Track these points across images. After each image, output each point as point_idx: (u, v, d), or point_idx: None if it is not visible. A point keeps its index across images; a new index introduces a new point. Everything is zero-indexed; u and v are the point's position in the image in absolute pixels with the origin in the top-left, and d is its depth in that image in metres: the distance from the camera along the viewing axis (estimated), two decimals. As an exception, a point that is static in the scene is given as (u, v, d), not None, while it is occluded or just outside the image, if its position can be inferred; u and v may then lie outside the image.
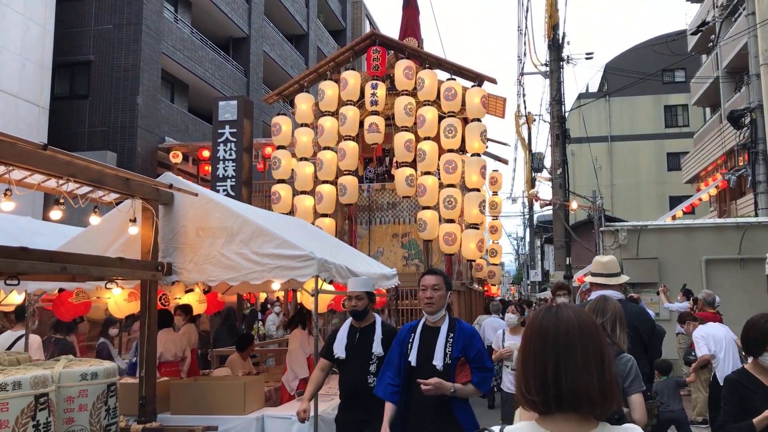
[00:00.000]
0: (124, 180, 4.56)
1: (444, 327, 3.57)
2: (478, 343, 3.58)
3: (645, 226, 13.14)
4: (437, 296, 3.56)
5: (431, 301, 3.54)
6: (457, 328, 3.58)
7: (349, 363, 4.23)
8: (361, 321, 4.28)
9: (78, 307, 5.98)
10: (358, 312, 4.25)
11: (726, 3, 19.19)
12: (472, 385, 3.49)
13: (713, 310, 8.49)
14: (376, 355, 4.12)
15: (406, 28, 13.66)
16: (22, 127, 13.59)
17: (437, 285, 3.56)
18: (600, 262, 4.34)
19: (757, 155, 15.35)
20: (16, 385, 3.09)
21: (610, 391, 1.44)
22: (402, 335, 3.73)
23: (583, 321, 1.50)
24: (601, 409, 1.44)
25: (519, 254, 50.64)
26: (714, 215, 21.99)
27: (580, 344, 1.46)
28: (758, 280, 9.05)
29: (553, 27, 13.62)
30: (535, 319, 1.57)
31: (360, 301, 4.24)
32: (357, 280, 4.41)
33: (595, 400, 1.42)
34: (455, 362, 3.48)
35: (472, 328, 3.71)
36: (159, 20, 16.77)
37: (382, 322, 4.33)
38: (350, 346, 4.24)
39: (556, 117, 13.66)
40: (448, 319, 3.62)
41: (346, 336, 4.29)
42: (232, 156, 13.00)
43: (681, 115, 35.28)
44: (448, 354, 3.49)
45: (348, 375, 4.26)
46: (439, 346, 3.50)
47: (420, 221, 10.78)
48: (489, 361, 3.61)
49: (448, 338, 3.53)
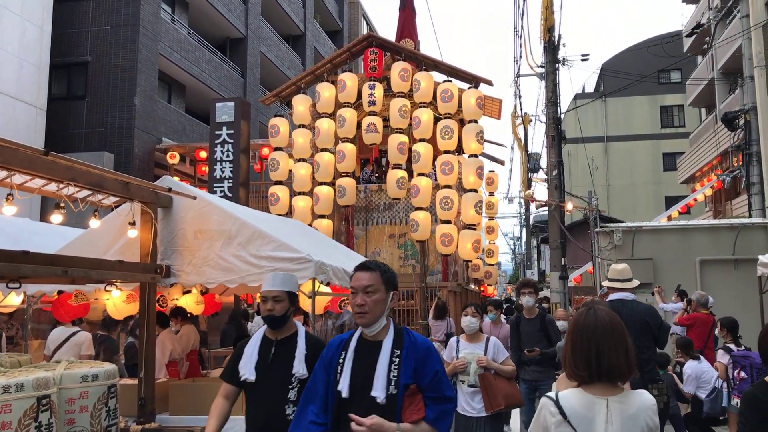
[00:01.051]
0: (124, 184, 4.62)
1: (387, 342, 2.63)
2: (435, 363, 2.64)
3: (640, 226, 13.22)
4: (372, 302, 2.61)
5: (363, 309, 2.60)
6: (407, 344, 2.64)
7: (260, 387, 3.19)
8: (279, 330, 3.29)
9: (77, 308, 6.03)
10: (275, 318, 3.24)
11: (720, 5, 19.29)
12: (427, 423, 2.55)
13: (706, 310, 8.57)
14: (297, 376, 3.14)
15: (402, 29, 13.73)
16: (19, 128, 13.62)
17: (371, 286, 2.63)
18: (616, 270, 5.41)
19: (751, 157, 15.45)
20: (19, 387, 3.15)
21: (632, 366, 2.18)
22: (329, 354, 2.74)
23: (612, 319, 2.22)
24: (626, 378, 2.18)
25: (515, 254, 50.76)
26: (709, 216, 22.10)
27: (611, 336, 2.17)
28: (752, 281, 9.13)
29: (549, 29, 13.69)
30: (579, 318, 2.27)
31: (278, 303, 3.24)
32: (275, 276, 3.37)
33: (623, 373, 2.16)
34: (403, 391, 2.56)
35: (428, 343, 2.73)
36: (156, 21, 16.80)
37: (308, 332, 3.36)
38: (262, 365, 3.22)
39: (552, 119, 13.73)
40: (392, 331, 2.67)
41: (258, 351, 3.26)
42: (230, 157, 13.05)
43: (677, 116, 35.41)
44: (392, 381, 2.56)
45: (258, 404, 3.20)
46: (380, 369, 2.57)
47: (412, 222, 10.84)
48: (449, 388, 2.68)
49: (393, 358, 2.59)
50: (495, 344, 4.99)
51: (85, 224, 5.48)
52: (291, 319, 3.33)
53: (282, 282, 3.32)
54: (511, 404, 4.91)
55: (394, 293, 2.73)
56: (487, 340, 5.01)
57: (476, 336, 5.10)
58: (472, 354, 4.90)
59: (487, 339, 5.02)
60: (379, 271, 2.69)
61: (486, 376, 4.80)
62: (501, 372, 4.86)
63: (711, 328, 8.41)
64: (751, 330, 8.01)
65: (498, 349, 4.96)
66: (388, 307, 2.69)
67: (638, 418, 2.13)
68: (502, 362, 4.93)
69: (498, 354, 4.94)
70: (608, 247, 12.92)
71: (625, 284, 5.27)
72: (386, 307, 2.67)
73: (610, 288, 5.39)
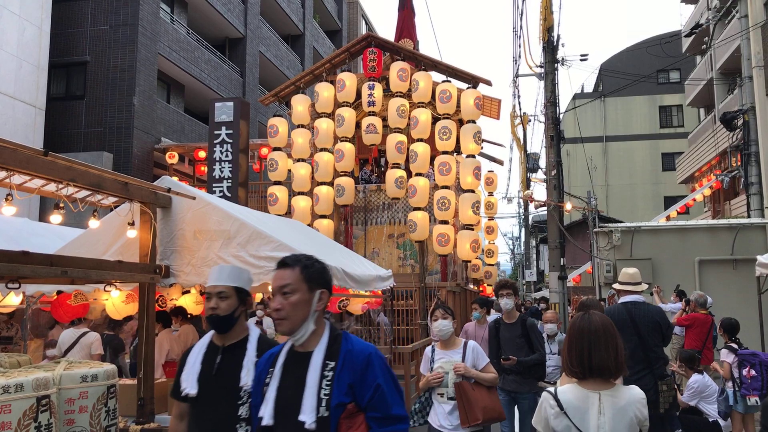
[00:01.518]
0: (123, 184, 4.62)
1: (318, 353, 2.21)
2: (377, 375, 2.20)
3: (638, 227, 13.24)
4: (290, 304, 2.21)
5: (280, 314, 2.22)
6: (343, 353, 2.21)
7: (204, 403, 2.70)
8: (226, 335, 2.80)
9: (76, 309, 6.03)
10: (219, 319, 2.76)
11: (719, 5, 19.31)
12: None
13: (705, 311, 8.58)
14: (246, 389, 2.65)
15: (401, 29, 13.74)
16: (18, 128, 13.62)
17: (288, 286, 2.23)
18: (627, 273, 5.66)
19: (750, 157, 15.47)
20: (18, 388, 3.16)
21: (621, 365, 2.47)
22: (257, 371, 2.38)
23: (604, 323, 2.54)
24: (615, 375, 2.48)
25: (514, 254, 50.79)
26: (708, 216, 22.13)
27: (602, 338, 2.48)
28: (750, 281, 9.15)
29: (548, 29, 13.71)
30: (575, 322, 2.60)
31: (223, 301, 2.76)
32: (221, 269, 2.90)
33: (611, 371, 2.46)
34: (338, 413, 2.14)
35: (369, 350, 2.26)
36: (155, 21, 16.80)
37: (262, 336, 2.88)
38: (206, 377, 2.73)
39: (551, 119, 13.74)
40: (326, 339, 2.25)
41: (201, 360, 2.78)
42: (229, 157, 13.05)
43: (676, 116, 35.45)
44: (323, 400, 2.14)
45: (203, 423, 2.70)
46: (308, 387, 2.15)
47: (410, 222, 10.84)
48: (398, 405, 2.23)
49: (325, 372, 2.17)
50: (474, 349, 4.44)
51: (84, 224, 5.48)
52: (242, 322, 2.84)
53: (229, 276, 2.84)
54: (490, 418, 4.25)
55: (322, 292, 2.28)
56: (465, 344, 4.47)
57: (452, 341, 4.51)
58: (449, 362, 4.34)
59: (465, 343, 4.48)
60: (299, 267, 2.26)
61: (463, 385, 4.23)
62: (481, 380, 4.30)
63: (710, 328, 8.43)
64: (749, 330, 8.03)
65: (478, 355, 4.42)
66: (315, 309, 2.25)
67: (628, 409, 2.44)
68: (483, 369, 4.40)
69: (478, 360, 4.41)
70: (607, 247, 12.93)
71: (636, 287, 5.57)
72: (311, 309, 2.24)
73: (621, 291, 5.65)
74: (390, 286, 7.44)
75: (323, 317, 2.32)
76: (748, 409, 6.25)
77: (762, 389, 6.05)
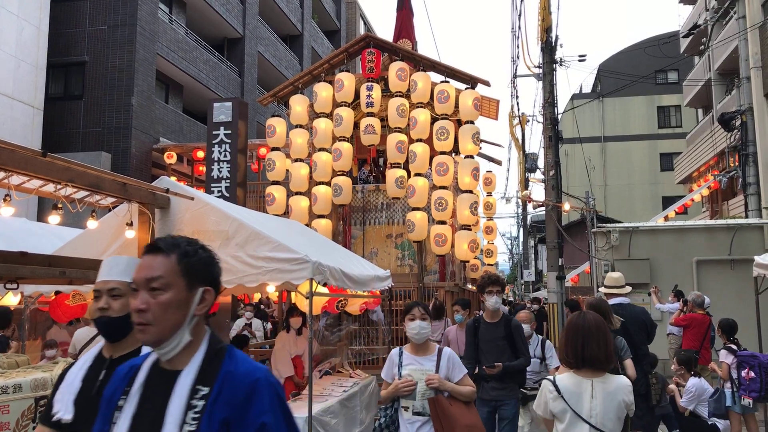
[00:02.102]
0: (121, 185, 4.62)
1: (187, 375, 1.65)
2: (264, 409, 1.62)
3: (637, 227, 13.26)
4: (158, 305, 1.65)
5: (145, 318, 1.64)
6: (221, 377, 1.65)
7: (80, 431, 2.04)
8: (118, 344, 2.22)
9: (74, 309, 6.03)
10: (110, 322, 2.21)
11: (717, 6, 19.35)
12: None
13: (702, 311, 8.60)
14: None
15: (400, 29, 13.73)
16: (16, 128, 13.62)
17: (158, 280, 1.65)
18: (612, 278, 6.33)
19: (748, 157, 15.50)
20: (17, 388, 3.16)
21: (610, 357, 2.91)
22: (109, 391, 1.77)
23: (597, 321, 2.97)
24: (605, 366, 2.90)
25: (513, 254, 50.82)
26: (706, 216, 22.16)
27: (594, 334, 2.90)
28: (748, 281, 9.16)
29: (547, 30, 13.72)
30: (572, 319, 3.03)
31: (116, 300, 2.22)
32: (114, 262, 2.35)
33: (601, 362, 2.89)
34: None
35: (257, 374, 1.67)
36: (153, 21, 16.79)
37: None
38: (85, 398, 2.11)
39: (549, 119, 13.75)
40: (201, 355, 1.69)
41: (82, 377, 2.18)
42: (227, 157, 13.04)
43: (674, 116, 35.50)
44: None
45: None
46: (169, 422, 1.59)
47: (409, 222, 10.84)
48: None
49: (194, 402, 1.61)
50: (450, 358, 3.86)
51: (82, 225, 5.48)
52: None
53: (125, 270, 2.24)
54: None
55: (206, 291, 1.71)
56: (440, 352, 3.86)
57: (425, 346, 3.90)
58: (420, 371, 3.76)
59: (440, 351, 3.87)
60: (176, 254, 1.68)
61: (439, 400, 3.65)
62: (458, 395, 3.74)
63: (707, 329, 8.45)
64: (747, 330, 8.04)
65: (454, 364, 3.85)
66: (194, 314, 1.69)
67: (616, 394, 2.87)
68: (459, 382, 3.81)
69: (454, 370, 3.83)
70: (605, 248, 12.95)
71: (621, 290, 6.16)
72: (188, 313, 1.67)
73: (607, 294, 6.18)
74: (388, 286, 7.45)
75: (204, 325, 1.74)
76: (744, 409, 6.27)
77: (760, 391, 6.07)
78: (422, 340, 3.86)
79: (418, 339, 3.86)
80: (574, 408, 2.84)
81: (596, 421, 2.82)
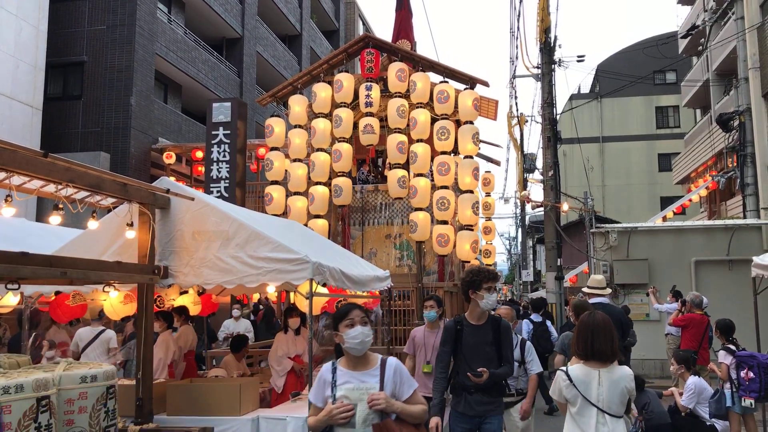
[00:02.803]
0: (122, 185, 4.63)
1: None
2: None
3: (635, 227, 13.29)
4: None
5: None
6: None
7: None
8: None
9: (74, 309, 6.04)
10: None
11: (716, 7, 19.38)
12: None
13: (701, 311, 8.62)
14: None
15: (399, 30, 13.73)
16: (15, 128, 13.61)
17: None
18: (596, 279, 7.05)
19: (746, 158, 15.53)
20: (19, 388, 3.17)
21: (615, 351, 3.41)
22: None
23: (604, 320, 3.48)
24: (611, 358, 3.40)
25: (511, 254, 50.85)
26: (704, 216, 22.20)
27: (602, 330, 3.42)
28: (746, 282, 9.19)
29: (545, 30, 13.74)
30: (584, 317, 3.55)
31: None
32: None
33: (608, 355, 3.40)
34: None
35: None
36: (152, 21, 16.79)
37: None
38: None
39: (548, 119, 13.77)
40: None
41: None
42: (226, 158, 13.05)
43: (672, 117, 35.55)
44: None
45: None
46: None
47: (412, 223, 10.86)
48: None
49: None
50: (397, 370, 3.09)
51: (81, 225, 5.49)
52: None
53: None
54: None
55: None
56: (383, 364, 3.09)
57: (365, 359, 3.09)
58: (360, 389, 2.98)
59: (383, 363, 3.10)
60: None
61: (386, 426, 2.94)
62: (408, 416, 3.01)
63: (705, 329, 8.47)
64: (745, 331, 8.06)
65: (402, 378, 3.09)
66: None
67: (620, 382, 3.39)
68: (409, 399, 3.07)
69: (402, 386, 3.08)
70: (604, 248, 12.98)
71: (602, 291, 6.89)
72: None
73: (590, 294, 6.91)
74: (387, 286, 7.46)
75: None
76: (744, 410, 6.28)
77: (759, 391, 6.08)
78: (364, 351, 3.07)
79: (360, 350, 3.05)
80: (584, 394, 3.37)
81: (603, 405, 3.34)
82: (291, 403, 5.88)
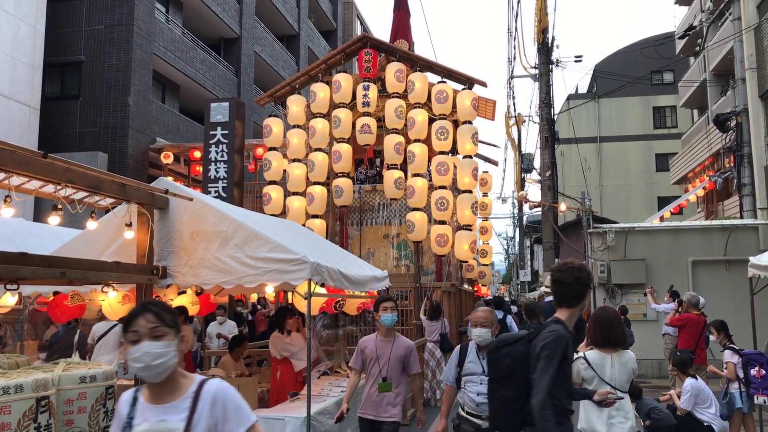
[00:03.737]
0: (120, 185, 4.63)
1: None
2: None
3: (633, 227, 13.31)
4: None
5: None
6: None
7: None
8: None
9: (73, 309, 6.03)
10: None
11: (713, 7, 19.42)
12: None
13: (698, 311, 8.64)
14: None
15: (397, 30, 13.75)
16: (13, 128, 13.59)
17: None
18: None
19: (743, 158, 15.57)
20: (18, 389, 3.17)
21: (624, 339, 4.19)
22: None
23: (614, 313, 4.35)
24: (622, 345, 4.15)
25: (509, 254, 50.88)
26: (701, 216, 22.23)
27: (614, 321, 4.20)
28: (743, 282, 9.21)
29: (543, 31, 13.76)
30: (598, 311, 4.36)
31: None
32: None
33: (620, 342, 4.15)
34: None
35: None
36: (150, 21, 16.77)
37: None
38: None
39: (545, 120, 13.80)
40: None
41: None
42: (224, 158, 13.04)
43: (669, 117, 35.58)
44: None
45: None
46: None
47: (408, 223, 10.87)
48: None
49: None
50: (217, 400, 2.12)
51: (80, 225, 5.49)
52: None
53: None
54: None
55: None
56: (198, 392, 2.12)
57: (172, 385, 2.12)
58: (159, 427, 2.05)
59: (198, 391, 2.12)
60: None
61: None
62: None
63: (702, 329, 8.49)
64: (742, 331, 8.09)
65: (226, 412, 2.12)
66: None
67: (628, 363, 4.10)
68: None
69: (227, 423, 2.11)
70: (601, 248, 13.00)
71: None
72: None
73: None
74: (385, 286, 7.47)
75: None
76: (752, 408, 6.30)
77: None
78: (161, 376, 2.08)
79: (148, 376, 2.08)
80: (599, 374, 4.05)
81: (615, 383, 4.01)
82: (289, 403, 5.89)
